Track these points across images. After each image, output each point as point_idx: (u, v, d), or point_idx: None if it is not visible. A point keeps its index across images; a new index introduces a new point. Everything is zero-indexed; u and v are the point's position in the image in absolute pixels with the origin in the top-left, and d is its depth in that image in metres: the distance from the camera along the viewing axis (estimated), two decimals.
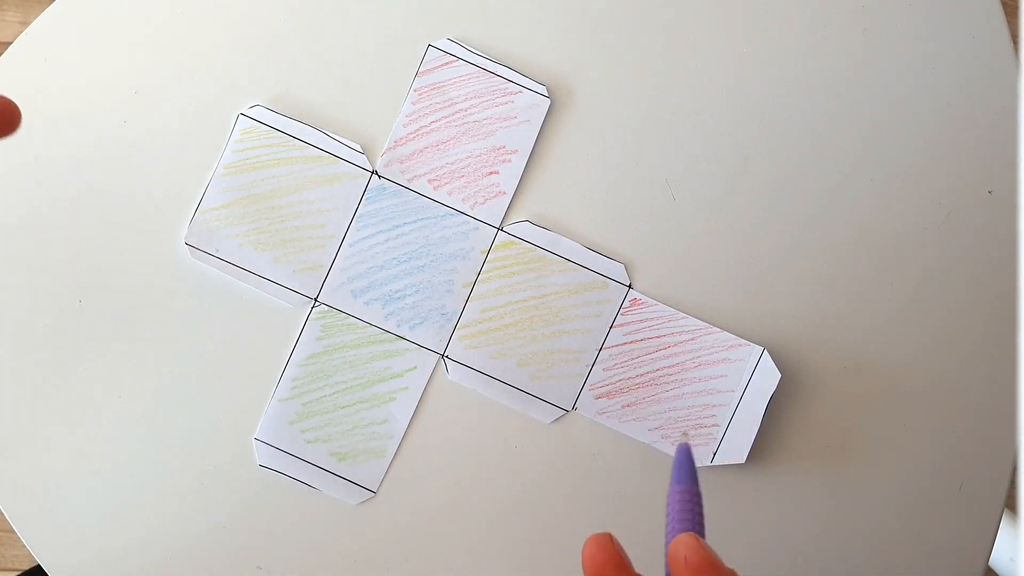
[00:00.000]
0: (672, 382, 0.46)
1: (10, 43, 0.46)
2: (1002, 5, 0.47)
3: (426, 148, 0.46)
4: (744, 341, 0.46)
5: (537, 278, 0.46)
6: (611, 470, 0.46)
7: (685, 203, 0.47)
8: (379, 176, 0.46)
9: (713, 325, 0.46)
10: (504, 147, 0.46)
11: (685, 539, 0.29)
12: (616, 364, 0.46)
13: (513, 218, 0.46)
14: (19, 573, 0.59)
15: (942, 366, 0.46)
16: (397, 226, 0.46)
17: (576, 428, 0.46)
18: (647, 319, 0.46)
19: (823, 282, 0.46)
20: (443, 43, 0.46)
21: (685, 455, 0.33)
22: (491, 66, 0.46)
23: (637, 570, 0.30)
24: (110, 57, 0.47)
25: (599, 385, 0.46)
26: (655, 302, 0.46)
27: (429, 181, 0.46)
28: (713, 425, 0.46)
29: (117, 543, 0.46)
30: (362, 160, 0.46)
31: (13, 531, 0.45)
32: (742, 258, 0.46)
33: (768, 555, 0.46)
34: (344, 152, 0.46)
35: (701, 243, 0.46)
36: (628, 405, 0.46)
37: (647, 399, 0.46)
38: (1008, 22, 0.47)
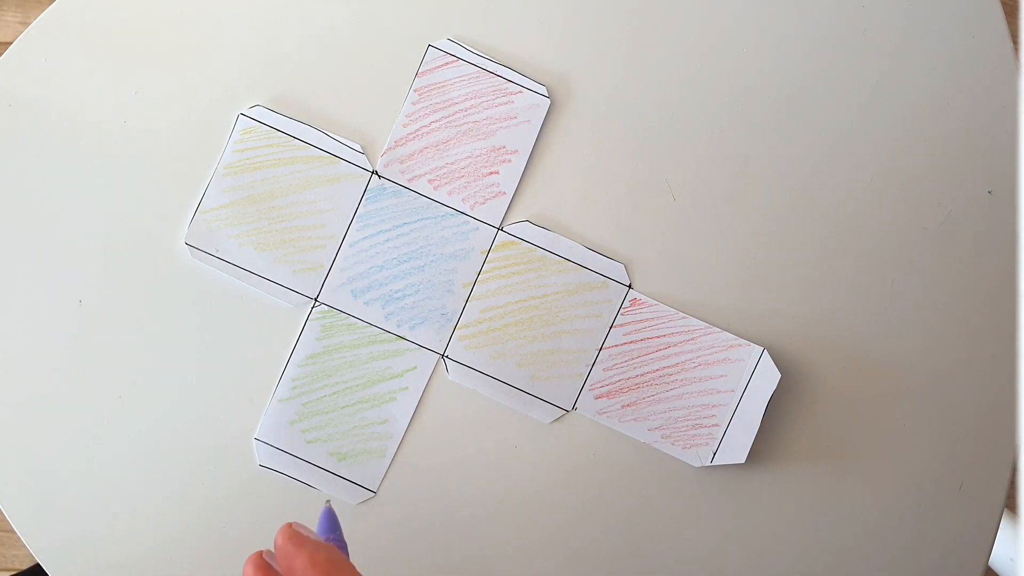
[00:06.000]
0: (672, 382, 0.46)
1: (10, 43, 0.46)
2: (1002, 5, 0.47)
3: (426, 148, 0.46)
4: (744, 341, 0.46)
5: (537, 278, 0.46)
6: (611, 470, 0.46)
7: (685, 203, 0.47)
8: (379, 176, 0.46)
9: (713, 325, 0.46)
10: (504, 147, 0.46)
11: (281, 529, 0.32)
12: (616, 364, 0.46)
13: (513, 218, 0.46)
14: (19, 573, 0.59)
15: (942, 366, 0.46)
16: (397, 226, 0.46)
17: (576, 428, 0.46)
18: (647, 319, 0.46)
19: (823, 282, 0.46)
20: (443, 43, 0.46)
21: (328, 516, 0.36)
22: (491, 66, 0.46)
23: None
24: (110, 57, 0.47)
25: (599, 385, 0.46)
26: (655, 302, 0.46)
27: (429, 181, 0.46)
28: (713, 425, 0.46)
29: (117, 543, 0.46)
30: (362, 160, 0.46)
31: (13, 531, 0.45)
32: (742, 258, 0.46)
33: (768, 554, 0.46)
34: (344, 152, 0.46)
35: (701, 243, 0.46)
36: (628, 405, 0.46)
37: (647, 399, 0.46)
38: (1008, 22, 0.47)
